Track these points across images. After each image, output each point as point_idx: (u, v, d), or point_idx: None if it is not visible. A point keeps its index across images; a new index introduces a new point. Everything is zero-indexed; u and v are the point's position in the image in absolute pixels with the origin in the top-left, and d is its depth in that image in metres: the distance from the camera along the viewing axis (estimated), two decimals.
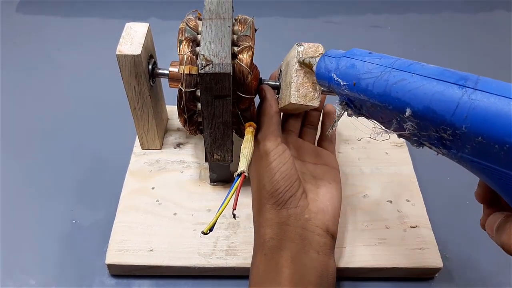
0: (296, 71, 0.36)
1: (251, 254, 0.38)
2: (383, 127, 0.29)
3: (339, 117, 0.32)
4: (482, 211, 0.30)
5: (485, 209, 0.29)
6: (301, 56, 0.36)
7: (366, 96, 0.27)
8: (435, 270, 0.41)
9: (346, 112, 0.31)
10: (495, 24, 0.75)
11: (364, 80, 0.27)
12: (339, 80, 0.29)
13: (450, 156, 0.25)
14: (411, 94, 0.25)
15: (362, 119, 0.31)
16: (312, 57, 0.34)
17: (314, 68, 0.33)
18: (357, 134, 0.52)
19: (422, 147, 0.27)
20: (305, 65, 0.35)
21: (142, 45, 0.39)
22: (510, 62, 0.67)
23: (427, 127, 0.25)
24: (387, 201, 0.45)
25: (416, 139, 0.26)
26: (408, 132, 0.26)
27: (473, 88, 0.23)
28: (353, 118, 0.31)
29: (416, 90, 0.25)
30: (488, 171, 0.23)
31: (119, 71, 0.40)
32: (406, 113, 0.25)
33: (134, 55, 0.38)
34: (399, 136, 0.27)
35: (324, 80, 0.32)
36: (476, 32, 0.73)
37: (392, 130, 0.27)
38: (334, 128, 0.34)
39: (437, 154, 0.27)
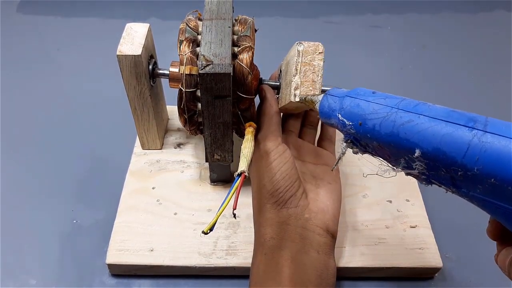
0: (296, 69, 0.36)
1: (251, 253, 0.38)
2: (390, 165, 0.29)
3: (343, 154, 0.32)
4: (496, 247, 0.30)
5: (498, 245, 0.29)
6: (302, 55, 0.36)
7: (374, 136, 0.27)
8: (435, 270, 0.41)
9: (351, 150, 0.31)
10: (495, 24, 0.75)
11: (371, 120, 0.27)
12: (345, 120, 0.29)
13: (460, 194, 0.25)
14: (420, 135, 0.25)
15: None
16: (313, 95, 0.34)
17: (317, 106, 0.33)
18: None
19: (431, 185, 0.27)
20: (307, 103, 0.35)
21: (142, 45, 0.39)
22: (510, 62, 0.67)
23: (437, 168, 0.25)
24: (387, 201, 0.45)
25: (425, 178, 0.26)
26: (417, 171, 0.26)
27: (482, 130, 0.23)
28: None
29: (425, 132, 0.25)
30: (501, 210, 0.23)
31: (119, 71, 0.40)
32: (416, 154, 0.25)
33: (134, 55, 0.38)
34: (407, 174, 0.27)
35: (328, 119, 0.32)
36: (476, 32, 0.73)
37: (400, 169, 0.27)
38: (340, 164, 0.34)
39: (446, 192, 0.26)
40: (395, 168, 0.28)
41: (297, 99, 0.36)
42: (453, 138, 0.23)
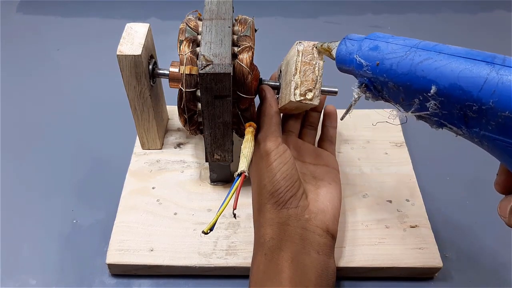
0: (296, 69, 0.36)
1: (251, 253, 0.38)
2: (401, 109, 0.29)
3: (356, 101, 0.32)
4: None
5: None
6: (302, 55, 0.36)
7: (390, 76, 0.28)
8: (435, 270, 0.41)
9: (364, 95, 0.31)
10: (495, 24, 0.75)
11: (389, 60, 0.28)
12: (362, 61, 0.29)
13: (471, 136, 0.26)
14: (438, 71, 0.25)
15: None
16: (331, 42, 0.34)
17: (334, 52, 0.33)
18: (357, 134, 0.52)
19: (442, 128, 0.27)
20: (323, 50, 0.35)
21: (142, 45, 0.39)
22: None
23: (451, 105, 0.25)
24: (387, 201, 0.45)
25: (436, 120, 0.27)
26: (430, 111, 0.26)
27: (501, 65, 0.23)
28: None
29: (443, 68, 0.25)
30: (511, 150, 0.24)
31: (119, 71, 0.40)
32: (431, 91, 0.25)
33: (134, 55, 0.38)
34: (418, 118, 0.28)
35: (344, 63, 0.32)
36: (476, 32, 0.73)
37: (411, 112, 0.28)
38: (350, 113, 0.34)
39: (456, 136, 0.27)
40: (406, 112, 0.28)
41: (298, 99, 0.36)
42: (471, 72, 0.24)
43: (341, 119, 0.36)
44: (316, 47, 0.36)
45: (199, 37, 0.38)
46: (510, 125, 0.23)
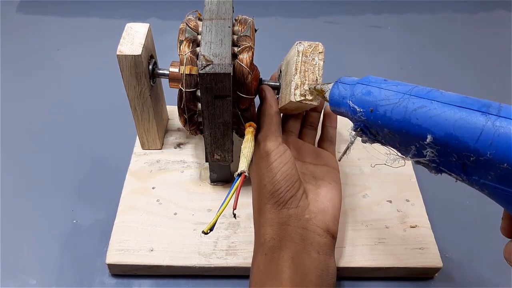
0: (296, 69, 0.36)
1: (251, 254, 0.38)
2: (399, 154, 0.28)
3: (352, 143, 0.32)
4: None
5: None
6: (302, 55, 0.36)
7: (384, 122, 0.27)
8: (435, 270, 0.41)
9: (360, 138, 0.31)
10: (495, 24, 0.75)
11: (382, 106, 0.27)
12: (355, 106, 0.29)
13: (470, 183, 0.25)
14: (432, 120, 0.25)
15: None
16: (323, 84, 0.34)
17: (327, 94, 0.33)
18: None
19: (441, 173, 0.27)
20: (317, 91, 0.35)
21: (142, 45, 0.39)
22: (510, 62, 0.67)
23: (448, 154, 0.25)
24: (387, 201, 0.45)
25: (435, 166, 0.26)
26: (427, 158, 0.26)
27: (496, 115, 0.23)
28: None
29: (438, 117, 0.24)
30: None
31: (119, 71, 0.40)
32: (427, 140, 0.25)
33: (134, 55, 0.38)
34: (417, 163, 0.27)
35: (338, 107, 0.32)
36: (476, 32, 0.73)
37: (410, 157, 0.27)
38: (347, 154, 0.34)
39: (456, 181, 0.26)
40: (404, 156, 0.28)
41: (298, 99, 0.36)
42: (466, 122, 0.23)
43: (339, 160, 0.37)
44: (309, 88, 0.36)
45: (199, 37, 0.38)
46: (509, 176, 0.22)
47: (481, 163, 0.23)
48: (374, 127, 0.29)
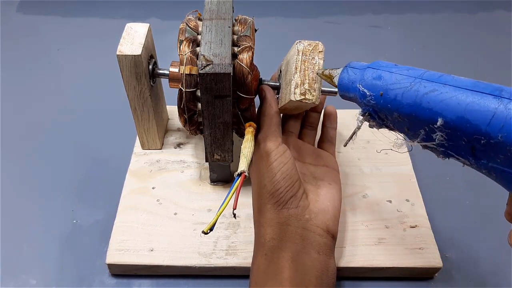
0: (296, 68, 0.36)
1: (251, 253, 0.38)
2: (406, 138, 0.28)
3: (358, 128, 0.31)
4: None
5: None
6: (301, 54, 0.36)
7: (394, 106, 0.27)
8: (435, 270, 0.41)
9: (368, 124, 0.31)
10: (495, 24, 0.75)
11: (393, 90, 0.27)
12: (365, 90, 0.29)
13: (478, 167, 0.25)
14: (444, 104, 0.25)
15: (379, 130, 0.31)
16: (332, 69, 0.34)
17: (336, 79, 0.33)
18: (357, 134, 0.52)
19: (449, 158, 0.27)
20: (325, 76, 0.34)
21: (142, 45, 0.39)
22: (510, 62, 0.67)
23: (458, 137, 0.25)
24: (387, 201, 0.45)
25: (443, 150, 0.26)
26: (436, 142, 0.26)
27: (509, 99, 0.23)
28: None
29: (449, 100, 0.25)
30: None
31: (119, 71, 0.40)
32: (438, 123, 0.25)
33: (134, 55, 0.38)
34: (424, 147, 0.27)
35: (347, 91, 0.31)
36: (476, 32, 0.73)
37: (417, 141, 0.27)
38: (353, 139, 0.34)
39: (463, 166, 0.26)
40: (411, 141, 0.28)
41: (298, 98, 0.36)
42: (478, 106, 0.23)
43: (344, 145, 0.36)
44: (317, 73, 0.36)
45: (199, 37, 0.38)
46: None
47: (491, 146, 0.23)
48: (383, 112, 0.29)
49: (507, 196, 0.28)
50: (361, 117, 0.30)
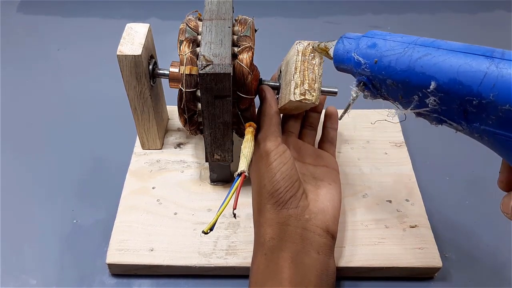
0: (296, 69, 0.36)
1: (251, 253, 0.38)
2: (400, 107, 0.29)
3: (354, 100, 0.32)
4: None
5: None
6: (301, 54, 0.36)
7: (388, 73, 0.28)
8: (435, 270, 0.41)
9: (362, 94, 0.31)
10: (495, 24, 0.75)
11: (387, 57, 0.28)
12: (360, 58, 0.29)
13: (470, 132, 0.26)
14: (437, 67, 0.25)
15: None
16: (327, 41, 0.34)
17: (331, 51, 0.33)
18: (357, 134, 0.52)
19: (442, 124, 0.27)
20: (320, 50, 0.35)
21: (142, 46, 0.39)
22: None
23: (451, 101, 0.25)
24: (387, 200, 0.45)
25: (436, 116, 0.27)
26: (429, 108, 0.26)
27: (500, 58, 0.23)
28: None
29: (442, 63, 0.25)
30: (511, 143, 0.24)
31: (119, 71, 0.40)
32: (431, 87, 0.25)
33: (134, 55, 0.38)
34: (417, 115, 0.28)
35: (342, 62, 0.32)
36: (476, 32, 0.73)
37: (411, 109, 0.28)
38: (348, 112, 0.34)
39: (456, 132, 0.27)
40: (405, 109, 0.28)
41: (297, 98, 0.36)
42: (470, 67, 0.24)
43: (339, 119, 0.36)
44: (313, 47, 0.36)
45: (199, 37, 0.38)
46: (510, 119, 0.23)
47: (483, 106, 0.24)
48: (377, 80, 0.29)
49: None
50: (356, 88, 0.31)
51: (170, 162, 0.48)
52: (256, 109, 0.40)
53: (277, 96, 0.41)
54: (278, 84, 0.41)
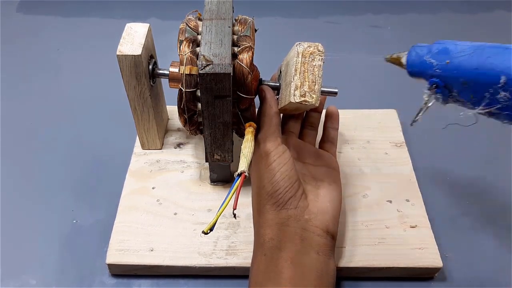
0: (296, 70, 0.36)
1: (251, 253, 0.38)
2: (471, 108, 0.31)
3: (426, 104, 0.33)
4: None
5: None
6: (301, 56, 0.36)
7: (460, 72, 0.31)
8: (435, 270, 0.41)
9: (434, 98, 0.33)
10: (495, 24, 0.75)
11: (457, 58, 0.31)
12: (432, 61, 0.32)
13: None
14: (506, 63, 0.27)
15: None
16: (398, 52, 0.37)
17: (403, 59, 0.36)
18: (357, 134, 0.52)
19: None
20: (393, 60, 0.37)
21: (142, 45, 0.39)
22: None
23: None
24: (387, 201, 0.45)
25: (507, 113, 0.29)
26: (501, 104, 0.28)
27: None
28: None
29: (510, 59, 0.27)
30: None
31: (119, 71, 0.40)
32: (501, 81, 0.27)
33: (134, 55, 0.38)
34: (489, 115, 0.30)
35: (415, 66, 0.34)
36: (476, 32, 0.73)
37: (482, 108, 0.30)
38: (421, 115, 0.35)
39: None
40: (476, 109, 0.30)
41: (297, 100, 0.36)
42: None
43: (411, 124, 0.37)
44: (385, 59, 0.38)
45: (199, 37, 0.38)
46: None
47: None
48: (449, 80, 0.31)
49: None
50: (429, 92, 0.33)
51: (170, 162, 0.48)
52: (256, 109, 0.40)
53: (277, 96, 0.41)
54: (278, 84, 0.41)
